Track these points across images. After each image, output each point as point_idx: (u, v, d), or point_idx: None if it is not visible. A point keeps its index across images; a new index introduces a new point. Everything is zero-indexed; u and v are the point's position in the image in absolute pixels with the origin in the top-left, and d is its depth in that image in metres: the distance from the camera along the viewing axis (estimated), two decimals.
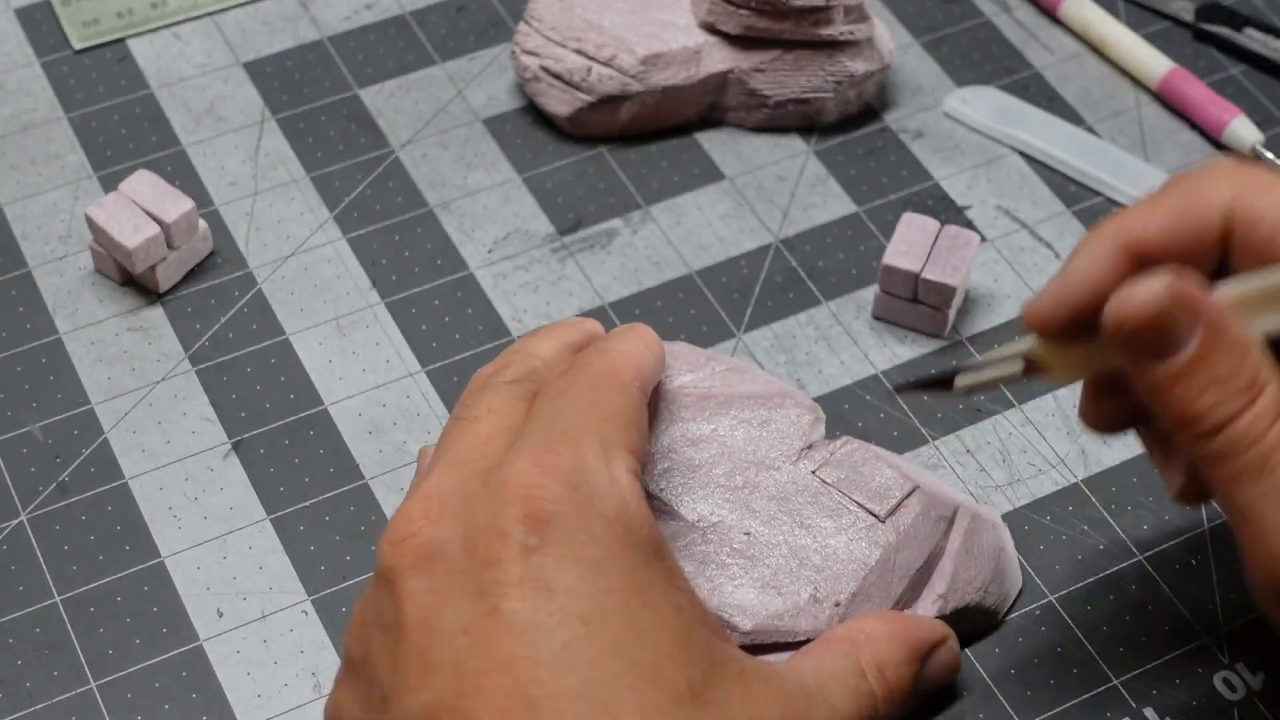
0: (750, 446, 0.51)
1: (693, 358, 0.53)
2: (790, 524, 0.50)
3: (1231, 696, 0.50)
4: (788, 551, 0.49)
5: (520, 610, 0.40)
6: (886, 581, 0.49)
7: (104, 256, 0.59)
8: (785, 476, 0.51)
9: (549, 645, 0.40)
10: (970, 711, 0.50)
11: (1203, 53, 0.68)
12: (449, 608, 0.41)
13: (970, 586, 0.50)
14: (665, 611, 0.42)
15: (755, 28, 0.62)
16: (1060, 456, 0.56)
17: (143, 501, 0.54)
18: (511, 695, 0.40)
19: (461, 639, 0.41)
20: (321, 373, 0.57)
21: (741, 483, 0.50)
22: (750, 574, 0.49)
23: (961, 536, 0.51)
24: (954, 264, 0.57)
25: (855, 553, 0.49)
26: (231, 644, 0.51)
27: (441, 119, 0.65)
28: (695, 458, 0.51)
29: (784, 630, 0.48)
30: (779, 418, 0.52)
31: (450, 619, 0.41)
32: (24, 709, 0.49)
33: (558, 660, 0.40)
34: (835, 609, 0.48)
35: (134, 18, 0.67)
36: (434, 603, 0.41)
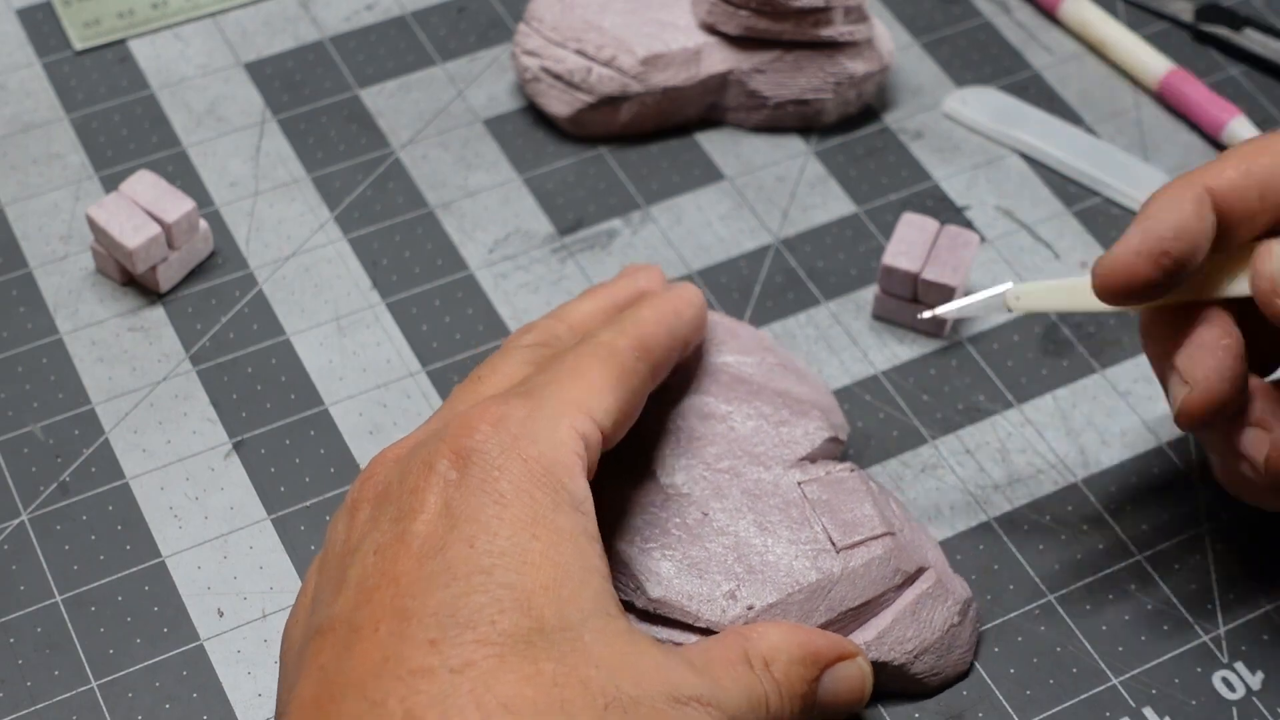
0: (754, 439, 0.51)
1: (750, 341, 0.55)
2: (749, 521, 0.50)
3: (1231, 696, 0.50)
4: (732, 543, 0.49)
5: (420, 533, 0.43)
6: (811, 606, 0.49)
7: (105, 257, 0.59)
8: (770, 477, 0.51)
9: (433, 563, 0.42)
10: (970, 711, 0.50)
11: (1202, 53, 0.68)
12: (373, 531, 0.44)
13: (900, 648, 0.49)
14: (561, 549, 0.43)
15: (755, 28, 0.62)
16: (1060, 456, 0.56)
17: (143, 501, 0.54)
18: (388, 606, 0.42)
19: (371, 558, 0.43)
20: (322, 373, 0.57)
21: (726, 467, 0.51)
22: (685, 549, 0.49)
23: (914, 598, 0.50)
24: (954, 264, 0.57)
25: (794, 569, 0.49)
26: (232, 644, 0.51)
27: (442, 119, 0.65)
28: (698, 430, 0.51)
29: (688, 611, 0.48)
30: (797, 425, 0.52)
31: (369, 541, 0.44)
32: (25, 708, 0.49)
33: (434, 577, 0.42)
34: (747, 611, 0.48)
35: (135, 18, 0.67)
36: (364, 530, 0.44)
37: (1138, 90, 0.67)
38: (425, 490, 0.44)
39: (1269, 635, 0.52)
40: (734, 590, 0.49)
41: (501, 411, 0.45)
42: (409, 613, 0.41)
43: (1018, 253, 0.61)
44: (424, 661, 0.41)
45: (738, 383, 0.53)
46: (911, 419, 0.57)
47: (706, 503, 0.50)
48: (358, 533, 0.45)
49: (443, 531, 0.43)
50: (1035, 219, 0.62)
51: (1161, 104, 0.67)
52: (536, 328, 0.51)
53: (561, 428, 0.45)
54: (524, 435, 0.44)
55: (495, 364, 0.49)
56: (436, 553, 0.42)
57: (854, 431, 0.56)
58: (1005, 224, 0.62)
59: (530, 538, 0.43)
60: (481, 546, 0.42)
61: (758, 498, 0.50)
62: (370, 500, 0.45)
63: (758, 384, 0.53)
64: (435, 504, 0.43)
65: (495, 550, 0.42)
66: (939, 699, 0.50)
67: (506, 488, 0.43)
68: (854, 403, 0.57)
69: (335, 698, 0.41)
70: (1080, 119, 0.66)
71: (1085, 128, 0.65)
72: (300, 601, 0.46)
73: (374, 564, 0.43)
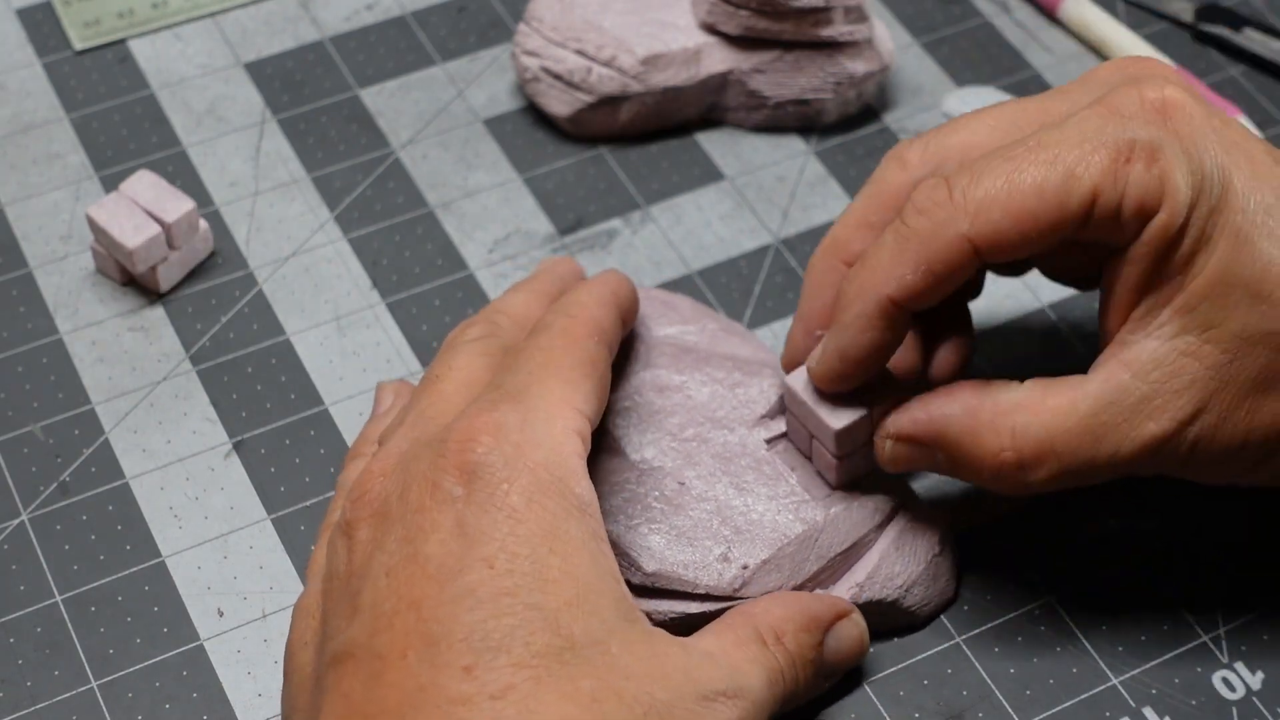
0: (713, 404, 0.52)
1: (689, 311, 0.55)
2: (726, 483, 0.50)
3: (1231, 696, 0.50)
4: (714, 508, 0.50)
5: (435, 554, 0.42)
6: (802, 557, 0.49)
7: (105, 257, 0.59)
8: (736, 439, 0.51)
9: (454, 586, 0.41)
10: (970, 711, 0.50)
11: (1202, 53, 0.68)
12: (380, 553, 0.43)
13: (891, 584, 0.50)
14: (577, 562, 0.43)
15: (755, 28, 0.62)
16: None
17: (143, 501, 0.54)
18: (413, 633, 0.41)
19: (383, 581, 0.42)
20: (322, 373, 0.57)
21: (692, 435, 0.51)
22: (670, 520, 0.50)
23: (895, 533, 0.51)
24: None
25: (779, 523, 0.50)
26: (232, 643, 0.51)
27: (442, 119, 0.65)
28: (656, 403, 0.52)
29: (685, 580, 0.49)
30: (751, 384, 0.53)
31: (378, 564, 0.43)
32: (25, 708, 0.49)
33: (459, 600, 0.41)
34: (742, 571, 0.49)
35: (135, 18, 0.67)
36: (369, 551, 0.43)
37: None
38: (432, 509, 0.43)
39: (1269, 635, 0.52)
40: (726, 553, 0.49)
41: (497, 420, 0.44)
42: (436, 639, 0.41)
43: None
44: (462, 689, 0.40)
45: (685, 352, 0.53)
46: None
47: (681, 472, 0.51)
48: (362, 554, 0.44)
49: (459, 552, 0.42)
50: None
51: None
52: (477, 322, 0.51)
53: (558, 430, 0.44)
54: (526, 443, 0.44)
55: (448, 361, 0.49)
56: (455, 575, 0.42)
57: None
58: None
59: (548, 552, 0.42)
60: (502, 566, 0.42)
61: (729, 460, 0.51)
62: (368, 519, 0.44)
63: (705, 351, 0.54)
64: (445, 523, 0.42)
65: (517, 570, 0.42)
66: (939, 698, 0.50)
67: (518, 500, 0.43)
68: None
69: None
70: None
71: None
72: (304, 622, 0.46)
73: (388, 587, 0.42)
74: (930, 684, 0.50)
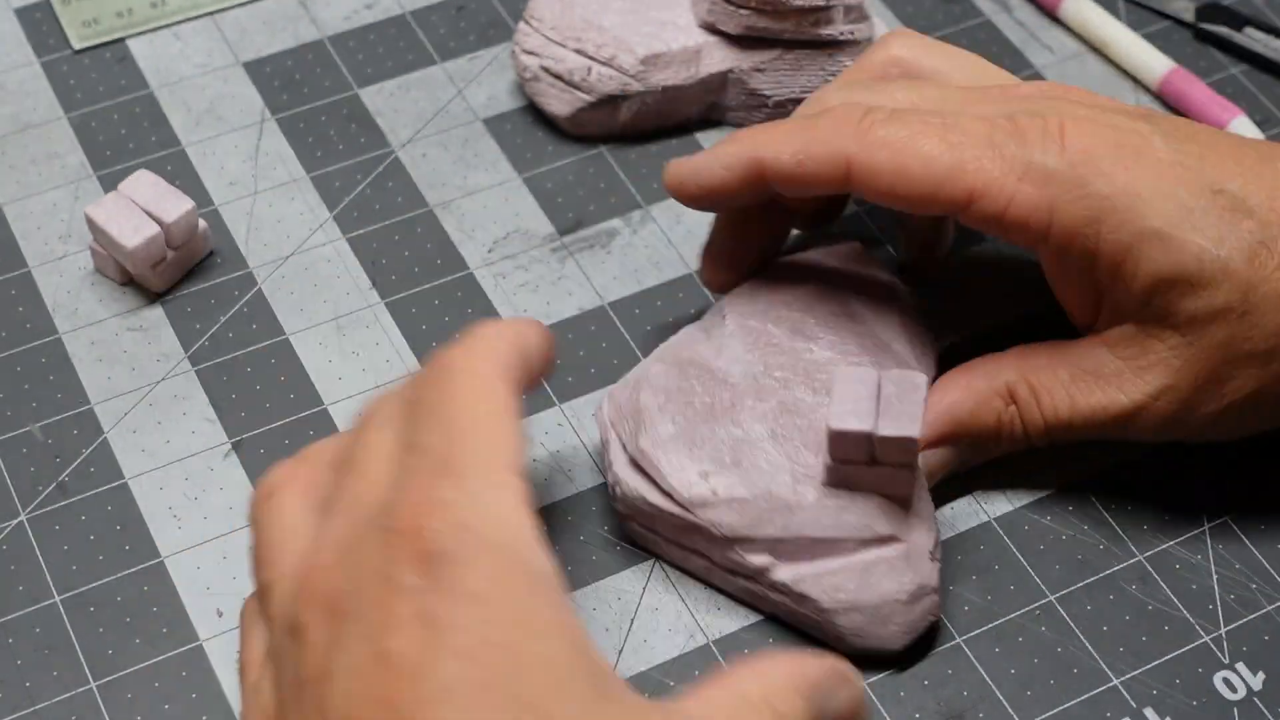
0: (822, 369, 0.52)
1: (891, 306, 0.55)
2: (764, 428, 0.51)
3: (1231, 696, 0.50)
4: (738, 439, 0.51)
5: (404, 650, 0.40)
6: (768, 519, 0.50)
7: (104, 256, 0.59)
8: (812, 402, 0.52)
9: (429, 684, 0.39)
10: (970, 711, 0.50)
11: (1203, 53, 0.68)
12: (342, 654, 0.40)
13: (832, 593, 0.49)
14: (552, 643, 0.40)
15: (755, 28, 0.62)
16: (1060, 457, 0.56)
17: (143, 501, 0.54)
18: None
19: (348, 683, 0.40)
20: (321, 373, 0.57)
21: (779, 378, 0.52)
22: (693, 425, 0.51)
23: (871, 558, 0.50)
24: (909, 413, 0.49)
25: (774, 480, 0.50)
26: (232, 644, 0.51)
27: (441, 119, 0.65)
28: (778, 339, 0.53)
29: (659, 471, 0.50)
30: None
31: (343, 665, 0.40)
32: (24, 709, 0.49)
33: (437, 698, 0.39)
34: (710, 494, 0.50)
35: (134, 17, 0.67)
36: (328, 652, 0.41)
37: (1138, 90, 0.67)
38: (391, 602, 0.40)
39: (1270, 635, 0.52)
40: (709, 473, 0.50)
41: (440, 499, 0.41)
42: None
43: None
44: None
45: (849, 319, 0.54)
46: None
47: (742, 397, 0.51)
48: (319, 655, 0.41)
49: (427, 647, 0.39)
50: None
51: (1162, 103, 0.66)
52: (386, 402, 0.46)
53: (505, 500, 0.42)
54: (475, 521, 0.41)
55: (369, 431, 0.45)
56: (428, 672, 0.39)
57: None
58: None
59: (521, 637, 0.40)
60: (478, 658, 0.39)
61: (787, 413, 0.51)
62: (321, 618, 0.41)
63: (866, 326, 0.54)
64: (407, 615, 0.40)
65: (492, 661, 0.39)
66: (939, 698, 0.50)
67: (481, 585, 0.40)
68: None
69: None
70: None
71: None
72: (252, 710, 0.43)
73: (358, 690, 0.40)
74: (930, 684, 0.50)
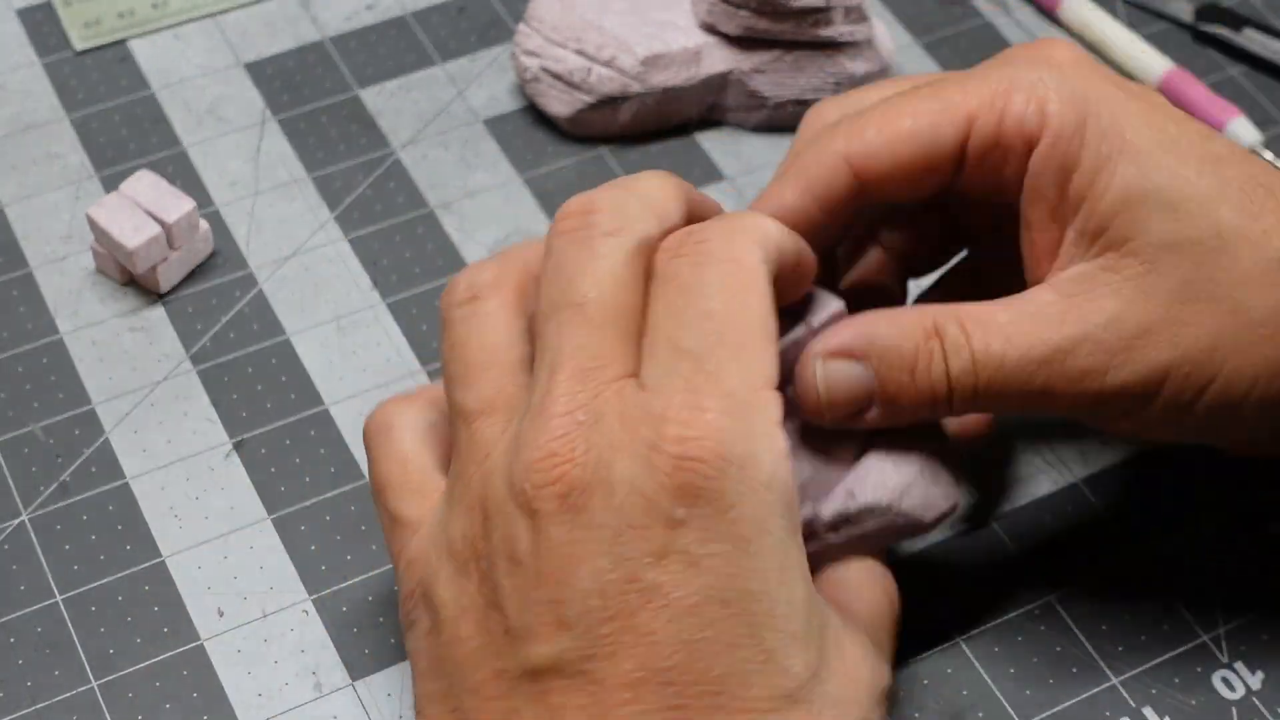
0: None
1: None
2: None
3: (1231, 696, 0.50)
4: None
5: (662, 583, 0.39)
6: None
7: (105, 257, 0.59)
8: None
9: (686, 625, 0.39)
10: (970, 711, 0.50)
11: (1201, 53, 0.68)
12: (586, 563, 0.40)
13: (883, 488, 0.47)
14: (799, 590, 0.41)
15: (755, 28, 0.62)
16: (1060, 457, 0.56)
17: (144, 501, 0.54)
18: (644, 668, 0.39)
19: (596, 600, 0.39)
20: (322, 373, 0.57)
21: None
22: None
23: (886, 442, 0.48)
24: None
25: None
26: (232, 643, 0.51)
27: (442, 119, 0.65)
28: None
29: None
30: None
31: (587, 576, 0.40)
32: (25, 708, 0.49)
33: (694, 642, 0.39)
34: None
35: (135, 18, 0.67)
36: (572, 554, 0.40)
37: None
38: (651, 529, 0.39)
39: (1269, 635, 0.52)
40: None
41: (715, 427, 0.40)
42: (673, 678, 0.39)
43: None
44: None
45: None
46: None
47: None
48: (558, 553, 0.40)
49: (689, 585, 0.39)
50: None
51: None
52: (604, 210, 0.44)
53: (770, 429, 0.40)
54: (749, 458, 0.40)
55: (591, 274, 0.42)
56: (687, 611, 0.39)
57: None
58: None
59: (777, 584, 0.40)
60: (736, 605, 0.39)
61: None
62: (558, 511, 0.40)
63: None
64: (669, 548, 0.39)
65: (750, 609, 0.40)
66: (939, 698, 0.50)
67: (748, 529, 0.40)
68: None
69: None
70: None
71: None
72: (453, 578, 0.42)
73: (602, 609, 0.39)
74: (930, 684, 0.51)
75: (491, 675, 0.41)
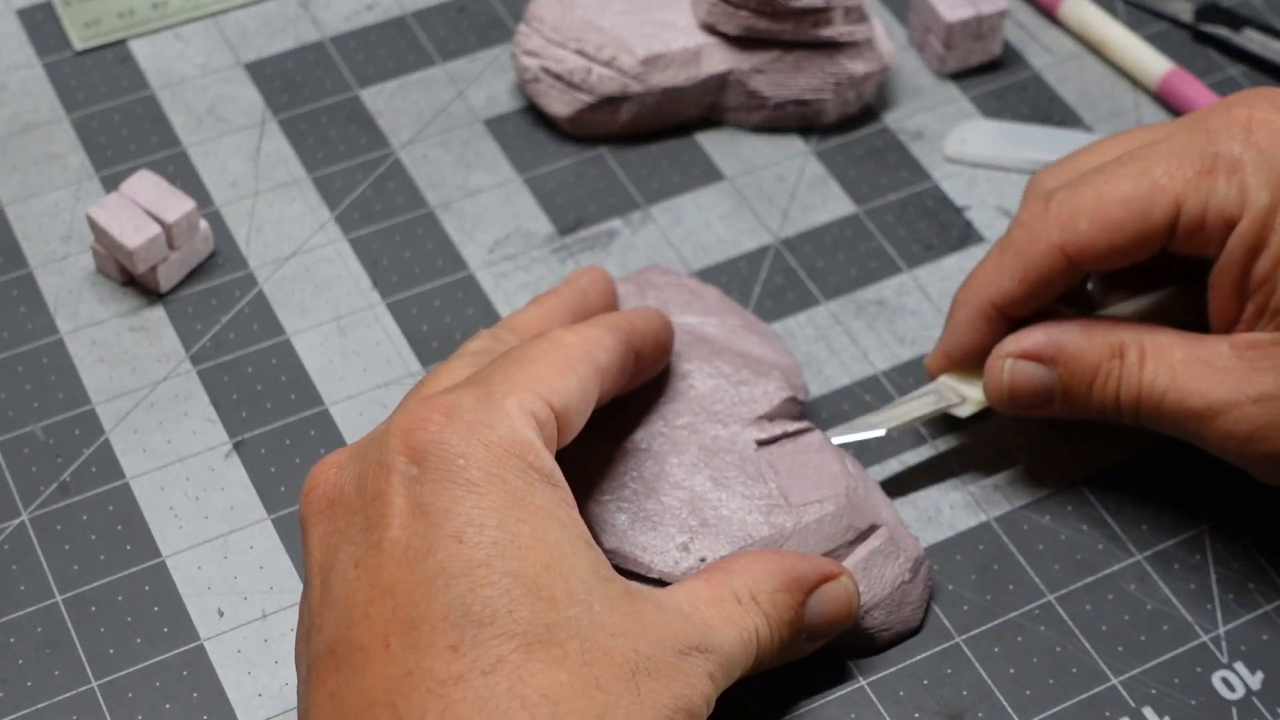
0: (714, 398, 0.52)
1: (715, 303, 0.55)
2: (705, 475, 0.51)
3: (1230, 696, 0.51)
4: (687, 497, 0.50)
5: (400, 537, 0.42)
6: None
7: (105, 257, 0.59)
8: (728, 434, 0.52)
9: (424, 567, 0.41)
10: (970, 711, 0.50)
11: (1201, 53, 0.68)
12: (345, 545, 0.43)
13: None
14: (547, 527, 0.43)
15: (755, 29, 0.62)
16: (1060, 457, 0.56)
17: (144, 501, 0.54)
18: (391, 619, 0.41)
19: (352, 572, 0.42)
20: (322, 373, 0.57)
21: (684, 424, 0.52)
22: (640, 502, 0.50)
23: (866, 554, 0.50)
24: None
25: (747, 523, 0.50)
26: (232, 643, 0.51)
27: (442, 119, 0.65)
28: (656, 388, 0.52)
29: (640, 562, 0.49)
30: (756, 384, 0.53)
31: (344, 556, 0.43)
32: (25, 708, 0.49)
33: (432, 579, 0.41)
34: (699, 563, 0.49)
35: (135, 18, 0.67)
36: (333, 544, 0.43)
37: (1137, 90, 0.67)
38: (389, 493, 0.43)
39: (1269, 635, 0.52)
40: (687, 543, 0.49)
41: (450, 401, 0.44)
42: (416, 622, 0.41)
43: None
44: (451, 669, 0.40)
45: (700, 342, 0.54)
46: None
47: (664, 458, 0.51)
48: (324, 548, 0.44)
49: (424, 532, 0.42)
50: None
51: (1161, 104, 0.67)
52: (483, 335, 0.51)
53: (512, 408, 0.44)
54: (479, 421, 0.43)
55: (440, 370, 0.48)
56: (425, 555, 0.41)
57: None
58: (1005, 224, 0.62)
59: (516, 521, 0.42)
60: (471, 539, 0.42)
61: (714, 453, 0.51)
62: (322, 512, 0.44)
63: (720, 344, 0.54)
64: (404, 505, 0.42)
65: (486, 541, 0.42)
66: (939, 698, 0.50)
67: (476, 475, 0.42)
68: (854, 403, 0.57)
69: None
70: (1080, 119, 0.66)
71: (1084, 128, 0.65)
72: (299, 628, 0.45)
73: (357, 578, 0.42)
74: (930, 684, 0.51)
75: (303, 672, 0.44)
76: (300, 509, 0.45)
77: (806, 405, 0.56)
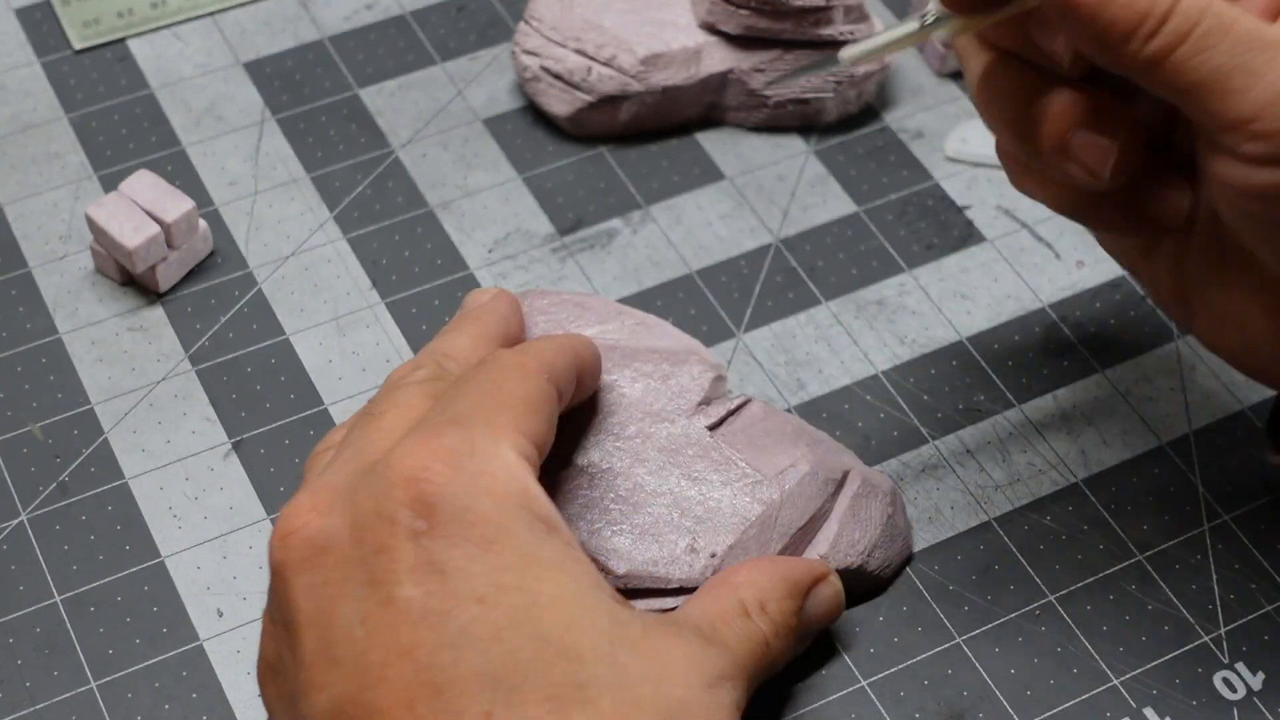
0: (648, 399, 0.52)
1: (604, 310, 0.55)
2: (678, 475, 0.51)
3: (1231, 696, 0.50)
4: (671, 501, 0.50)
5: (415, 596, 0.40)
6: (766, 537, 0.50)
7: (104, 256, 0.59)
8: (679, 429, 0.52)
9: (447, 628, 0.40)
10: (970, 711, 0.50)
11: None
12: (344, 600, 0.41)
13: (853, 550, 0.51)
14: (561, 581, 0.41)
15: (755, 28, 0.62)
16: (1060, 456, 0.56)
17: (143, 501, 0.54)
18: (414, 683, 0.40)
19: (359, 630, 0.40)
20: (321, 373, 0.57)
21: (634, 432, 0.52)
22: (630, 520, 0.50)
23: (849, 500, 0.52)
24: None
25: (738, 507, 0.50)
26: (231, 644, 0.51)
27: (441, 119, 0.65)
28: (591, 406, 0.52)
29: (658, 576, 0.49)
30: (681, 373, 0.53)
31: (346, 611, 0.41)
32: (24, 709, 0.49)
33: (457, 642, 0.40)
34: (711, 559, 0.49)
35: (134, 18, 0.67)
36: (328, 596, 0.41)
37: None
38: (395, 547, 0.41)
39: (1270, 635, 0.52)
40: (692, 543, 0.50)
41: (445, 446, 0.42)
42: (442, 687, 0.39)
43: (1018, 253, 0.61)
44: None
45: (609, 350, 0.53)
46: (911, 419, 0.57)
47: (631, 470, 0.51)
48: (315, 599, 0.41)
49: (440, 591, 0.40)
50: (1035, 218, 0.62)
51: None
52: (422, 364, 0.48)
53: (509, 455, 0.43)
54: (479, 470, 0.42)
55: (390, 398, 0.46)
56: (445, 617, 0.40)
57: (854, 431, 0.56)
58: (1006, 223, 0.62)
59: (534, 580, 0.41)
60: (493, 601, 0.40)
61: (675, 452, 0.51)
62: (306, 560, 0.42)
63: (628, 347, 0.54)
64: (414, 561, 0.40)
65: (508, 604, 0.40)
66: (939, 699, 0.50)
67: (490, 531, 0.41)
68: (854, 402, 0.57)
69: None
70: None
71: None
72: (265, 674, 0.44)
73: (366, 637, 0.40)
74: (930, 684, 0.50)
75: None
76: (273, 553, 0.42)
77: (807, 405, 0.57)
